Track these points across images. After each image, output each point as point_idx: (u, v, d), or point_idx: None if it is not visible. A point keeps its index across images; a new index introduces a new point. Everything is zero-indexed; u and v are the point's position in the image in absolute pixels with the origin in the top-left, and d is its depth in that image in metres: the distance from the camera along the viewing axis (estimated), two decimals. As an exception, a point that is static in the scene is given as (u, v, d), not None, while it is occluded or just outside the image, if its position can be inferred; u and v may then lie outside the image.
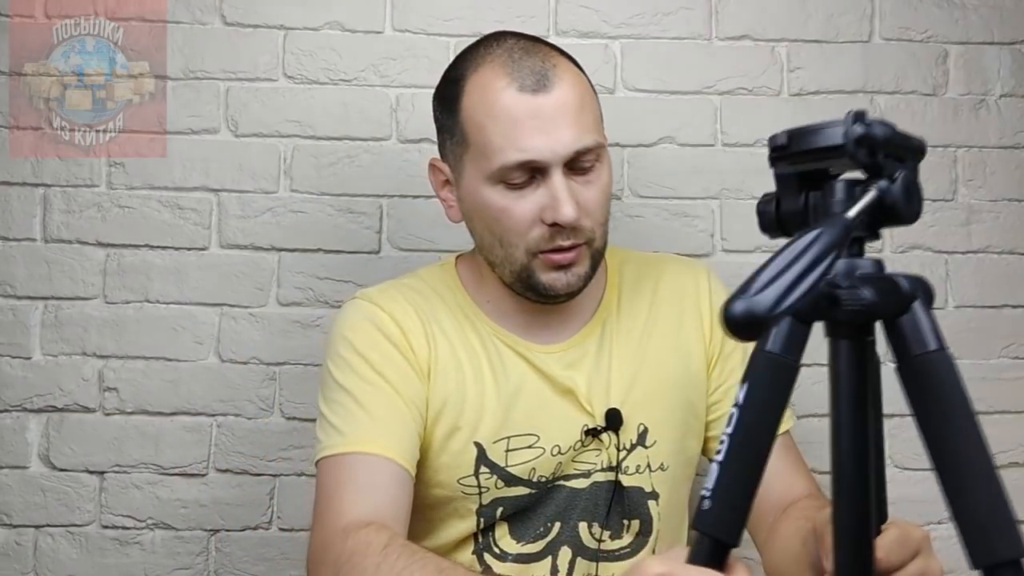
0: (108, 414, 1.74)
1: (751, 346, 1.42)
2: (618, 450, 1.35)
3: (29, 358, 1.74)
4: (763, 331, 0.61)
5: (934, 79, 1.82)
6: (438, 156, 1.40)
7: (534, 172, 1.27)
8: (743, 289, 0.61)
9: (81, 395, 1.74)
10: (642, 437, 1.37)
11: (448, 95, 1.35)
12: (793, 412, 1.49)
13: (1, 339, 1.75)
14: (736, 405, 0.74)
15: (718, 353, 1.43)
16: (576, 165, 1.28)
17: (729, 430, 0.74)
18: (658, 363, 1.40)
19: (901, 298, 0.74)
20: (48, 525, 1.73)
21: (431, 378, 1.34)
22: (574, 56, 1.35)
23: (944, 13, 1.82)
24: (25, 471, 1.74)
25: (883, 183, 0.73)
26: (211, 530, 1.75)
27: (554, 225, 1.27)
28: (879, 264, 0.77)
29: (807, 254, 0.63)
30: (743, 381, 0.75)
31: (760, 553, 1.35)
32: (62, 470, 1.74)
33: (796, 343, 0.73)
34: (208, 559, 1.74)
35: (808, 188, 0.79)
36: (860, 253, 0.77)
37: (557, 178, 1.25)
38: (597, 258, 1.33)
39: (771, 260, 0.63)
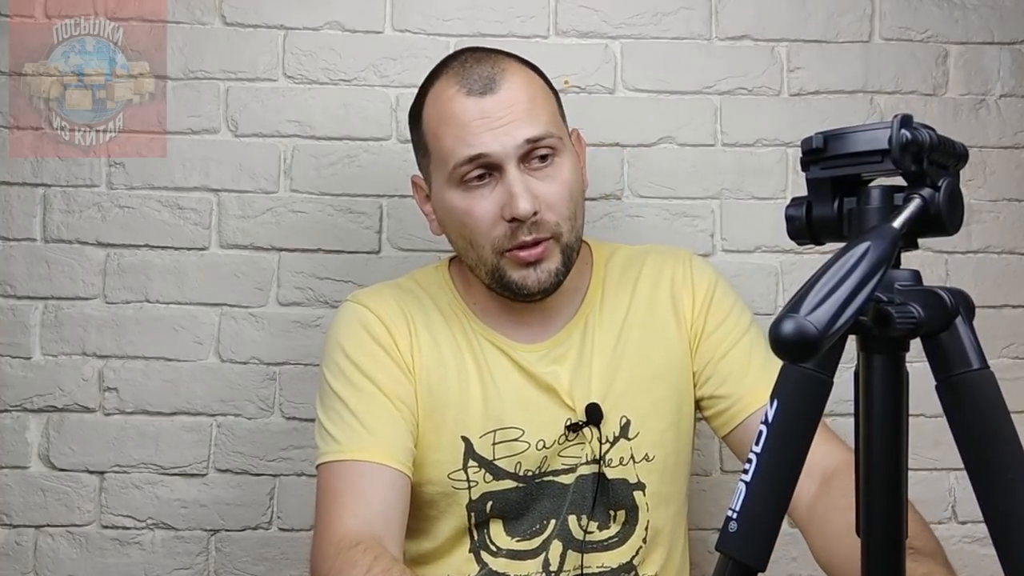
0: (108, 414, 1.69)
1: (736, 318, 1.38)
2: (600, 443, 1.33)
3: (29, 358, 1.69)
4: (816, 353, 0.54)
5: (934, 79, 1.75)
6: (419, 174, 1.40)
7: (490, 170, 1.26)
8: (792, 307, 0.54)
9: (81, 395, 1.69)
10: (624, 429, 1.34)
11: (413, 112, 1.37)
12: None
13: (1, 339, 1.69)
14: (765, 423, 0.67)
15: (700, 334, 1.38)
16: (531, 158, 1.27)
17: (757, 449, 0.67)
18: (639, 355, 1.36)
19: (945, 313, 0.66)
20: (48, 525, 1.68)
21: (415, 372, 1.34)
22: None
23: (944, 13, 1.76)
24: (25, 471, 1.68)
25: (927, 191, 0.65)
26: (211, 530, 1.69)
27: (513, 220, 1.25)
28: (917, 275, 0.70)
29: (858, 269, 0.55)
30: (772, 398, 0.66)
31: (802, 532, 1.25)
32: (62, 470, 1.68)
33: (831, 356, 0.65)
34: (208, 559, 1.69)
35: (841, 194, 0.72)
36: (897, 264, 0.69)
37: (512, 173, 1.24)
38: (568, 253, 1.30)
39: (819, 276, 0.56)
